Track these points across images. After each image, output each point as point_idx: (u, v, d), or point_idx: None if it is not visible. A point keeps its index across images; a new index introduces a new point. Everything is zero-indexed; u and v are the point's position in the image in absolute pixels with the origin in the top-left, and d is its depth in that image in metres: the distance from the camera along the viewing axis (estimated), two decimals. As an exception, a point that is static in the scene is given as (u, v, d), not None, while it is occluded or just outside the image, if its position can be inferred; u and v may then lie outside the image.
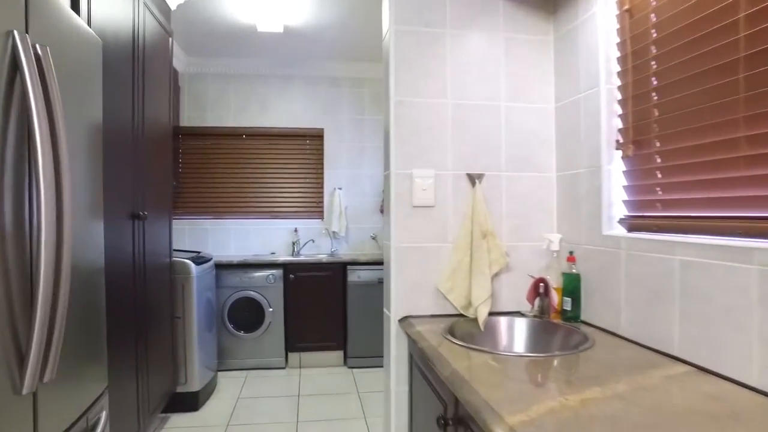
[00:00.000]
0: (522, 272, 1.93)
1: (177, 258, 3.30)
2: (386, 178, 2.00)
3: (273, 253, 4.74)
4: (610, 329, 1.60)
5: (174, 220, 4.76)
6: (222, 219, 4.75)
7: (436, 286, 1.89)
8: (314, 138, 4.86)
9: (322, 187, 4.85)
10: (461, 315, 1.86)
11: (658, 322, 1.37)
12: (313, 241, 4.75)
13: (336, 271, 4.23)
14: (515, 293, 1.93)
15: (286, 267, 4.20)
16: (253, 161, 4.81)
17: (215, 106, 4.73)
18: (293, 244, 4.64)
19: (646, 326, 1.43)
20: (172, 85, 3.85)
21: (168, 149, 3.16)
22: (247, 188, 4.80)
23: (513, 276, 1.94)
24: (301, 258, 4.42)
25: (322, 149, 4.85)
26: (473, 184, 1.90)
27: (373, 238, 4.88)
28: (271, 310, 4.15)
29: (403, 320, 1.86)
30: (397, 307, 1.88)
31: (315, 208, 4.86)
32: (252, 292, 4.15)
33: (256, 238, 4.76)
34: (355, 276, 4.20)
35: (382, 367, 2.18)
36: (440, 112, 1.89)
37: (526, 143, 1.95)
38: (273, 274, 4.16)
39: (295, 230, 4.76)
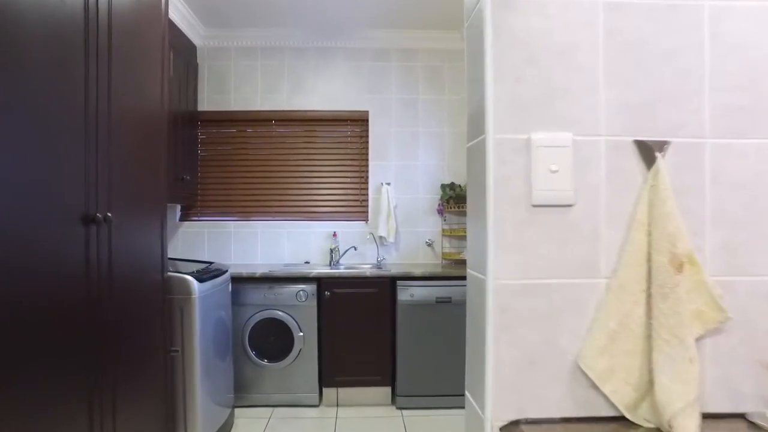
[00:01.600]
0: (745, 336, 0.97)
1: (175, 273, 2.52)
2: (472, 153, 1.10)
3: (307, 263, 3.93)
4: None
5: (190, 222, 4.06)
6: (248, 221, 3.99)
7: (578, 362, 0.96)
8: (357, 122, 4.01)
9: (366, 183, 4.00)
10: (625, 419, 0.94)
11: None
12: (355, 248, 3.89)
13: (383, 287, 3.36)
14: (731, 377, 0.98)
15: (320, 281, 3.36)
16: (283, 151, 4.01)
17: (240, 86, 3.97)
18: (331, 251, 3.81)
19: None
20: (168, 60, 3.12)
21: (159, 138, 2.38)
22: (277, 184, 4.01)
23: (726, 342, 0.98)
24: (340, 270, 3.57)
25: (367, 136, 3.99)
26: (649, 160, 0.96)
27: (429, 245, 3.97)
28: (301, 334, 3.33)
29: (509, 428, 0.95)
30: (497, 401, 0.97)
31: (358, 208, 4.01)
32: (279, 312, 3.34)
33: (287, 244, 3.97)
34: (406, 294, 3.31)
35: (439, 408, 1.25)
36: (582, 19, 0.97)
37: (754, 82, 0.99)
38: (304, 290, 3.33)
39: (334, 234, 3.92)
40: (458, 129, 3.99)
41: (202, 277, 2.66)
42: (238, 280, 3.31)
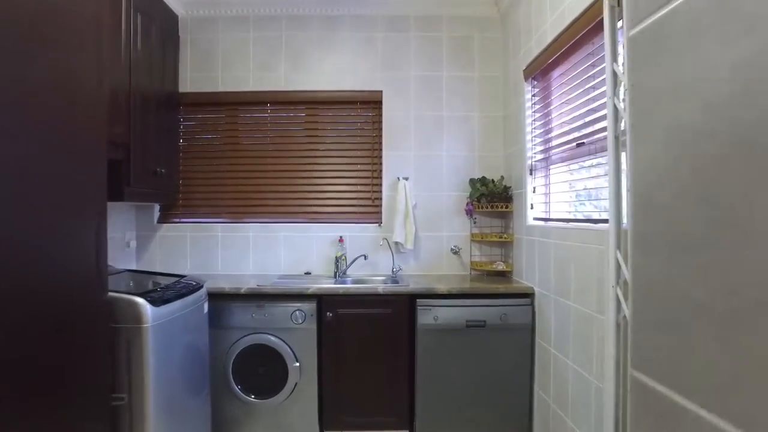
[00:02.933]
0: None
1: (120, 294, 1.89)
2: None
3: (308, 273, 3.27)
4: None
5: (171, 225, 3.42)
6: (238, 223, 3.35)
7: None
8: (368, 105, 3.34)
9: (379, 177, 3.32)
10: None
11: None
12: (365, 257, 3.22)
13: (399, 306, 2.68)
14: None
15: (320, 299, 2.70)
16: (280, 140, 3.36)
17: (229, 63, 3.34)
18: (336, 260, 3.14)
19: None
20: (133, 27, 2.54)
21: (93, 122, 1.72)
22: (273, 179, 3.36)
23: None
24: (346, 285, 2.90)
25: (381, 121, 3.32)
26: None
27: (455, 253, 3.28)
28: (297, 364, 2.67)
29: None
30: None
31: (369, 208, 3.34)
32: (269, 337, 2.69)
33: (284, 251, 3.31)
34: (429, 316, 2.62)
35: None
36: None
37: None
38: (301, 310, 2.67)
39: (340, 240, 3.26)
40: (491, 112, 3.29)
41: (161, 297, 2.02)
42: (219, 298, 2.67)
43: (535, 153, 2.72)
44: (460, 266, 3.28)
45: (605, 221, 1.97)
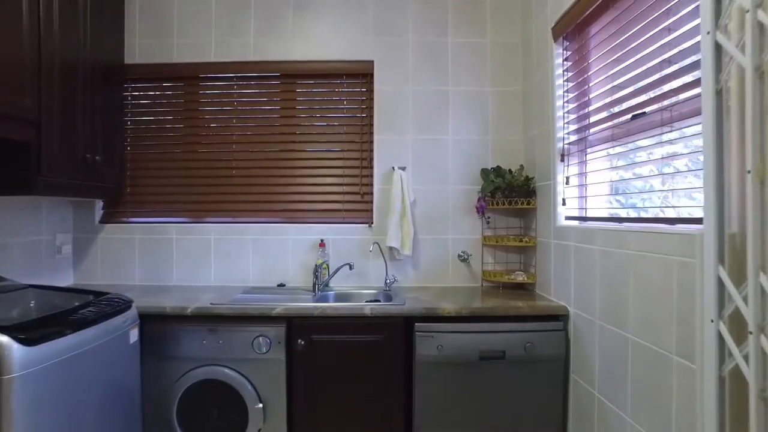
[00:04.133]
0: None
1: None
2: None
3: (282, 285, 2.66)
4: None
5: (115, 226, 2.67)
6: (197, 223, 2.74)
7: None
8: (357, 78, 2.73)
9: (370, 166, 2.71)
10: None
11: None
12: (351, 266, 2.59)
13: (392, 331, 2.06)
14: None
15: (290, 322, 2.09)
16: (249, 122, 2.76)
17: (186, 28, 2.73)
18: (316, 269, 2.52)
19: None
20: None
21: None
22: (240, 169, 2.75)
23: None
24: (325, 304, 2.28)
25: (371, 98, 2.71)
26: None
27: (464, 260, 2.66)
28: (260, 406, 2.06)
29: None
30: None
31: (357, 204, 2.73)
32: (225, 371, 2.08)
33: (253, 257, 2.70)
34: (430, 344, 2.01)
35: None
36: None
37: None
38: (265, 336, 2.07)
39: (321, 244, 2.65)
40: (508, 86, 2.67)
41: (42, 333, 1.41)
42: (159, 320, 2.07)
43: (567, 134, 2.10)
44: (470, 277, 2.67)
45: (693, 221, 1.35)
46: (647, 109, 1.54)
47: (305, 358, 2.07)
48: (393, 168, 2.63)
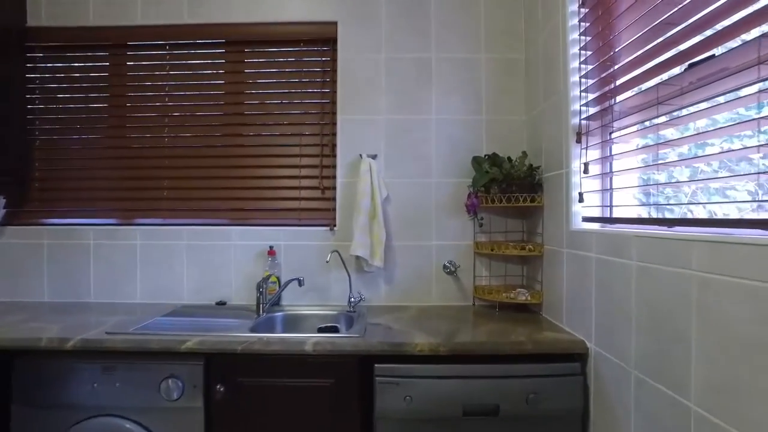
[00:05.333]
0: None
1: None
2: None
3: (222, 303, 2.12)
4: None
5: (19, 229, 2.08)
6: (119, 226, 2.20)
7: None
8: (317, 44, 2.18)
9: (332, 154, 2.16)
10: None
11: None
12: (300, 281, 2.02)
13: (345, 373, 1.51)
14: None
15: (210, 360, 1.54)
16: (183, 100, 2.22)
17: (108, -18, 2.20)
18: (261, 283, 1.97)
19: None
20: None
21: None
22: (170, 158, 2.21)
23: None
24: (255, 336, 1.72)
25: (334, 69, 2.16)
26: None
27: (451, 273, 2.10)
28: (167, 475, 1.52)
29: None
30: None
31: (316, 202, 2.18)
32: (125, 425, 1.55)
33: (189, 267, 2.16)
34: (396, 394, 1.45)
35: None
36: None
37: None
38: (176, 378, 1.53)
39: (269, 252, 2.10)
40: (506, 53, 2.12)
41: None
42: (35, 356, 1.54)
43: (585, 104, 1.54)
44: (458, 294, 2.11)
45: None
46: (720, 50, 0.98)
47: (229, 408, 1.53)
48: (361, 156, 2.09)
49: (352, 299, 2.00)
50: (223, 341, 1.51)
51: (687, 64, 1.07)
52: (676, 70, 1.11)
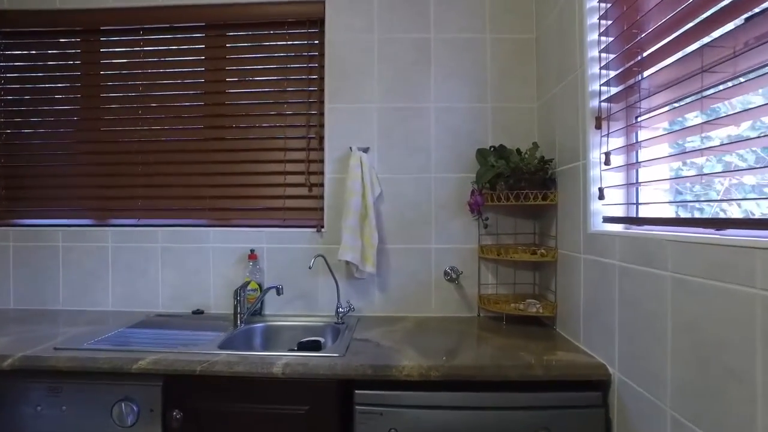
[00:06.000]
0: None
1: None
2: None
3: (199, 312, 1.92)
4: None
5: None
6: (90, 227, 2.02)
7: None
8: (303, 26, 1.97)
9: (319, 147, 1.94)
10: None
11: None
12: (279, 290, 1.79)
13: (320, 401, 1.29)
14: None
15: (169, 382, 1.33)
16: (158, 89, 2.03)
17: (77, -39, 2.02)
18: (238, 291, 1.75)
19: None
20: None
21: None
22: (145, 153, 2.02)
23: None
24: (219, 355, 1.49)
25: (321, 53, 1.94)
26: None
27: (452, 280, 1.87)
28: None
29: None
30: None
31: (302, 201, 1.96)
32: (67, 455, 1.35)
33: (165, 271, 1.97)
34: (380, 426, 1.22)
35: None
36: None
37: None
38: (131, 402, 1.33)
39: (250, 256, 1.90)
40: (514, 32, 1.88)
41: None
42: None
43: (606, 83, 1.30)
44: (461, 303, 1.88)
45: None
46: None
47: (188, 437, 1.32)
48: (351, 149, 1.87)
49: (341, 309, 1.78)
50: (180, 360, 1.30)
51: (743, 17, 0.83)
52: (729, 27, 0.86)
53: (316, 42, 1.95)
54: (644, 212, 1.22)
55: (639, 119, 1.20)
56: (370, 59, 1.90)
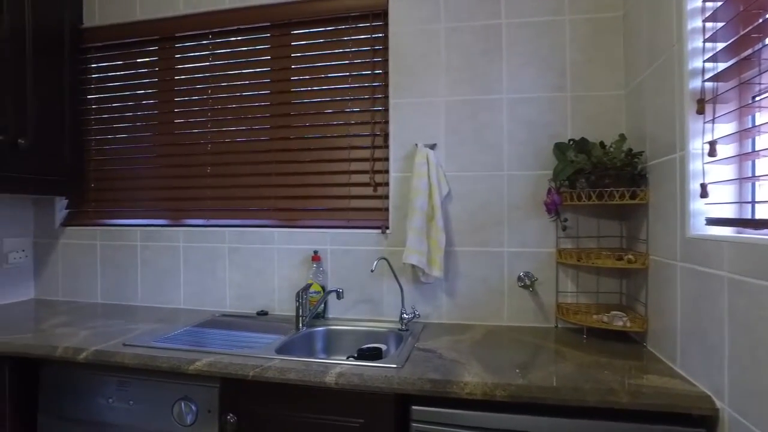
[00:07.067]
0: None
1: None
2: None
3: (263, 313, 1.92)
4: None
5: (76, 229, 2.05)
6: (163, 227, 2.10)
7: None
8: (366, 20, 1.90)
9: (384, 145, 1.87)
10: None
11: None
12: (339, 294, 1.74)
13: (375, 415, 1.20)
14: None
15: (225, 385, 1.32)
16: (225, 91, 2.06)
17: (155, -28, 2.11)
18: (301, 293, 1.72)
19: None
20: None
21: None
22: (214, 155, 2.06)
23: None
24: (274, 360, 1.43)
25: (386, 46, 1.86)
26: None
27: (526, 287, 1.71)
28: None
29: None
30: None
31: (366, 201, 1.89)
32: (132, 452, 1.39)
33: (231, 272, 1.99)
34: (438, 448, 1.12)
35: None
36: None
37: None
38: (190, 401, 1.34)
39: (314, 257, 1.86)
40: (597, 11, 1.68)
41: None
42: (57, 366, 1.44)
43: (712, 59, 1.09)
44: (537, 313, 1.71)
45: None
46: None
47: (244, 441, 1.29)
48: (416, 146, 1.77)
49: (405, 315, 1.69)
50: (234, 364, 1.28)
51: None
52: None
53: (380, 36, 1.87)
54: (763, 212, 1.01)
55: (757, 99, 0.98)
56: (436, 50, 1.79)
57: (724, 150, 1.08)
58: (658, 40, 1.32)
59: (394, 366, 1.24)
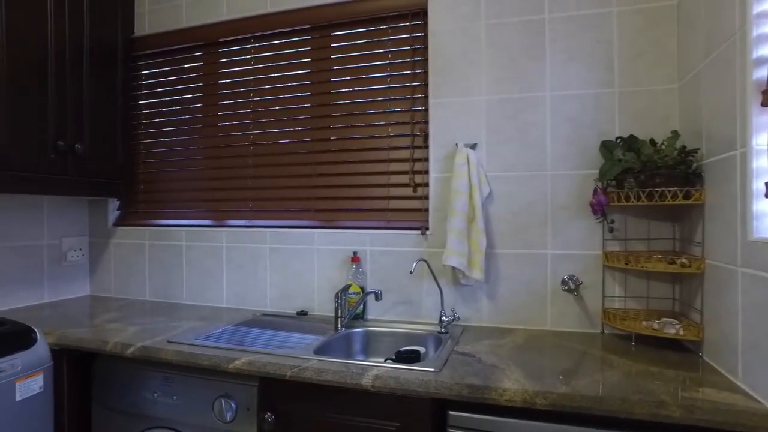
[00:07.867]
0: None
1: None
2: None
3: (303, 313, 1.94)
4: None
5: (127, 229, 2.15)
6: (207, 227, 2.16)
7: None
8: (406, 19, 1.89)
9: (424, 145, 1.84)
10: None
11: None
12: (377, 295, 1.73)
13: (411, 419, 1.18)
14: None
15: (264, 384, 1.34)
16: (267, 93, 2.09)
17: (201, -20, 2.18)
18: (338, 295, 1.72)
19: None
20: None
21: None
22: (256, 156, 2.10)
23: None
24: (311, 360, 1.43)
25: (425, 45, 1.84)
26: None
27: (570, 290, 1.64)
28: None
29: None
30: None
31: (406, 201, 1.88)
32: (178, 442, 1.43)
33: (272, 272, 2.03)
34: (476, 455, 1.09)
35: None
36: None
37: None
38: (230, 399, 1.37)
39: (354, 258, 1.86)
40: (650, 2, 1.59)
41: None
42: (109, 359, 1.51)
43: (775, 48, 1.01)
44: (581, 317, 1.64)
45: None
46: None
47: (282, 439, 1.31)
48: (457, 145, 1.74)
49: (444, 318, 1.66)
50: (273, 363, 1.29)
51: None
52: None
53: (420, 35, 1.85)
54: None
55: (826, 90, 0.90)
56: (476, 48, 1.75)
57: (791, 146, 0.99)
58: (718, 27, 1.24)
59: (432, 370, 1.22)
